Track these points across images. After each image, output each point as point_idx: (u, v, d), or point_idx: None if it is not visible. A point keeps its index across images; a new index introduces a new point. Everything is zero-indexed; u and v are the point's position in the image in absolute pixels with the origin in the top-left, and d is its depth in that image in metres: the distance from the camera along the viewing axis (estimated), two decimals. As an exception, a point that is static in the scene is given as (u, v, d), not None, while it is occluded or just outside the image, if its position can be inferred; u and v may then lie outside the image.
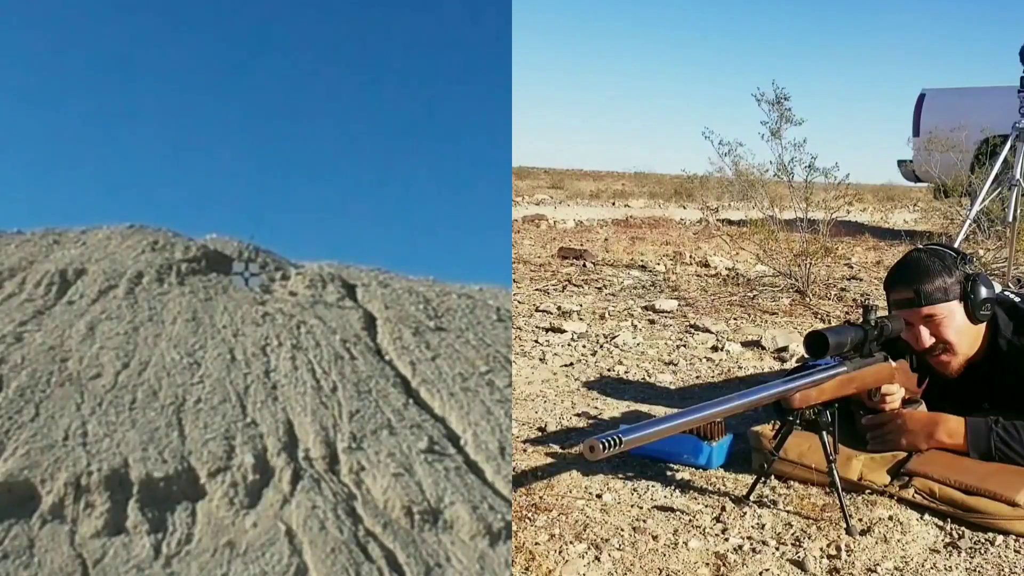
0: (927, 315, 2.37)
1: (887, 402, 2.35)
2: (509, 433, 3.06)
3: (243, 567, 2.55)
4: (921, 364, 2.46)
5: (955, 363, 2.43)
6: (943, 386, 2.47)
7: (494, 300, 5.33)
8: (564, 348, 4.13)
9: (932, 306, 2.35)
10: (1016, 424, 2.28)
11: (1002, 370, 2.42)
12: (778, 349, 4.07)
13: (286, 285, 5.21)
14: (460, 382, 3.97)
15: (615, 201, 16.45)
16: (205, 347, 4.00)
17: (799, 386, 2.11)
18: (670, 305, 5.07)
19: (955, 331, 2.38)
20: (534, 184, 20.34)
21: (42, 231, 5.58)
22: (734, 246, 6.17)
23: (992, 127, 8.11)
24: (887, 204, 14.18)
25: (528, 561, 1.93)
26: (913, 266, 2.40)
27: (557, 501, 2.25)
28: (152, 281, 4.83)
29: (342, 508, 2.87)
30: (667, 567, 1.92)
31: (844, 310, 5.04)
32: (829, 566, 1.94)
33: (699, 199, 9.45)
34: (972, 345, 2.43)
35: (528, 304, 5.20)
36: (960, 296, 2.36)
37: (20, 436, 2.97)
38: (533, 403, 3.22)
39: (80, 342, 3.88)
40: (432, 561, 2.69)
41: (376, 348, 4.35)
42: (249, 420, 3.33)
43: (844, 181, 5.54)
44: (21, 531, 2.56)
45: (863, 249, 7.89)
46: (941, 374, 2.46)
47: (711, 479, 2.41)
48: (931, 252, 2.43)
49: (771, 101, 5.35)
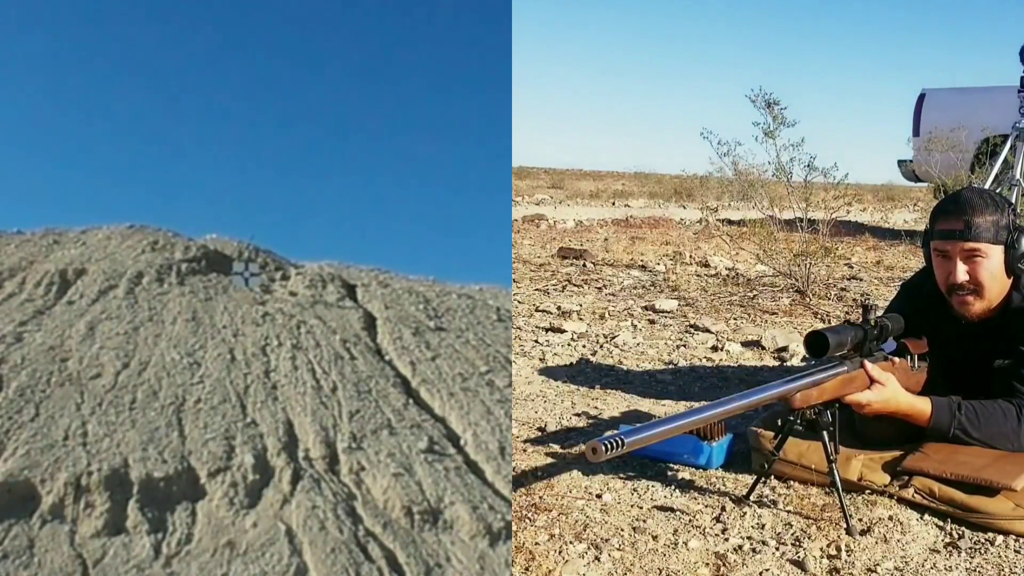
0: (970, 250, 2.34)
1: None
2: (509, 433, 3.06)
3: (243, 567, 2.55)
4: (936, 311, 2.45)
5: (978, 307, 2.41)
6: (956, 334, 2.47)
7: (494, 300, 5.33)
8: (564, 348, 4.13)
9: (978, 243, 2.33)
10: (978, 410, 2.29)
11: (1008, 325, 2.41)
12: (778, 349, 4.07)
13: (286, 285, 5.21)
14: (460, 382, 3.96)
15: (615, 201, 16.45)
16: (205, 347, 4.00)
17: (799, 386, 2.11)
18: (670, 305, 5.08)
19: (989, 275, 2.36)
20: (534, 184, 20.34)
21: (42, 231, 5.57)
22: (734, 246, 6.17)
23: (992, 127, 8.11)
24: (887, 204, 14.19)
25: (528, 561, 1.93)
26: (967, 199, 2.37)
27: (557, 501, 2.25)
28: (152, 281, 4.83)
29: (342, 508, 2.87)
30: (667, 567, 1.92)
31: (844, 310, 5.04)
32: (829, 566, 1.94)
33: (699, 199, 9.45)
34: (999, 294, 2.40)
35: (528, 304, 5.20)
36: (1005, 242, 2.34)
37: (20, 436, 2.97)
38: (533, 403, 3.22)
39: (80, 342, 3.88)
40: (432, 561, 2.69)
41: (376, 348, 4.35)
42: (249, 420, 3.33)
43: (843, 181, 5.55)
44: (21, 531, 2.56)
45: (863, 249, 7.89)
46: (959, 317, 2.45)
47: (711, 479, 2.41)
48: (986, 193, 2.40)
49: (762, 104, 5.37)
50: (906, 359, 2.41)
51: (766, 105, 5.36)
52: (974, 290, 2.38)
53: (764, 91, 5.36)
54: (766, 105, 5.36)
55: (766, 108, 5.37)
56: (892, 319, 2.35)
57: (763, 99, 5.36)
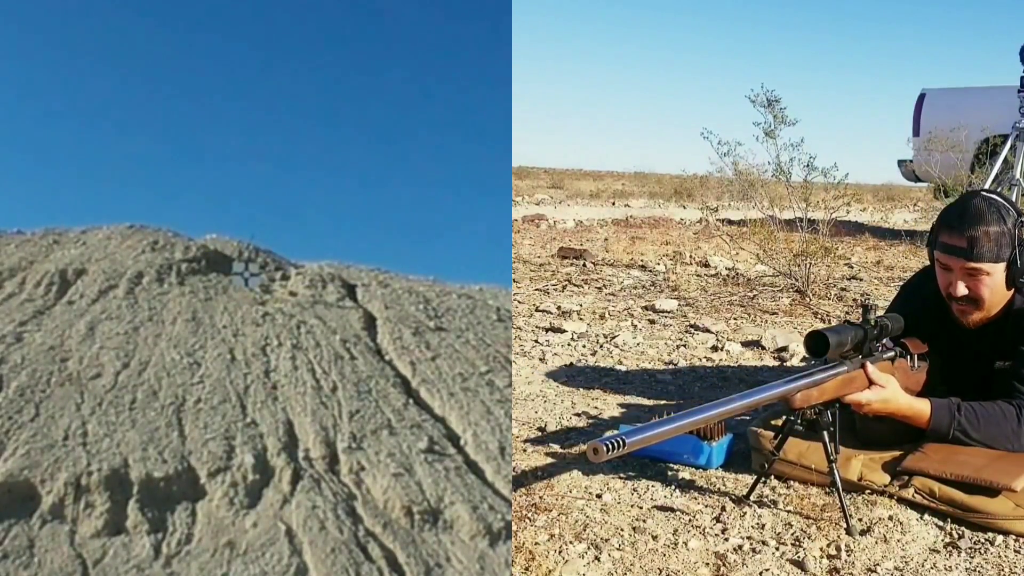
0: (971, 269, 2.35)
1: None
2: (509, 433, 3.06)
3: (243, 567, 2.55)
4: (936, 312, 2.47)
5: (976, 317, 2.42)
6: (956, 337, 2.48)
7: (494, 300, 5.33)
8: (564, 348, 4.13)
9: (980, 263, 2.33)
10: (978, 412, 2.29)
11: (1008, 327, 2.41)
12: (778, 349, 4.07)
13: (286, 285, 5.21)
14: (460, 382, 3.97)
15: (615, 201, 16.44)
16: (205, 347, 4.00)
17: (800, 386, 2.11)
18: (670, 305, 5.08)
19: (990, 291, 2.37)
20: (534, 184, 20.33)
21: (42, 231, 5.58)
22: (734, 246, 6.17)
23: (992, 127, 8.11)
24: (887, 204, 14.19)
25: (528, 561, 1.93)
26: (973, 215, 2.34)
27: (557, 501, 2.24)
28: (152, 281, 4.84)
29: (342, 508, 2.87)
30: (667, 567, 1.92)
31: (844, 310, 5.04)
32: (829, 566, 1.94)
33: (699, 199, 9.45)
34: (999, 304, 2.41)
35: (528, 304, 5.20)
36: (1008, 259, 2.33)
37: (20, 436, 2.97)
38: (533, 403, 3.22)
39: (80, 342, 3.88)
40: (432, 561, 2.69)
41: (376, 348, 4.35)
42: (249, 420, 3.33)
43: (843, 181, 5.55)
44: (21, 531, 2.56)
45: (863, 249, 7.89)
46: (956, 323, 2.46)
47: (711, 479, 2.41)
48: (993, 204, 2.36)
49: (763, 104, 5.37)
50: (906, 359, 2.41)
51: (766, 103, 5.36)
52: (973, 302, 2.40)
53: (765, 89, 5.36)
54: (766, 103, 5.36)
55: (766, 106, 5.37)
56: (892, 319, 2.35)
57: (763, 97, 5.36)
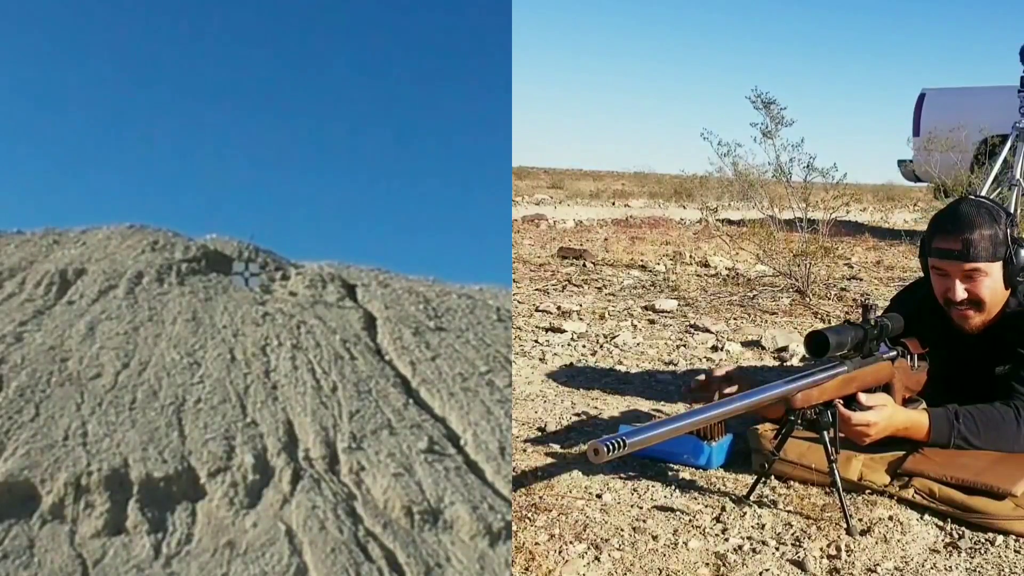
0: (969, 270, 2.34)
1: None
2: (509, 433, 3.06)
3: (243, 567, 2.55)
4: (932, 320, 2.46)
5: (976, 320, 2.42)
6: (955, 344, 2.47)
7: (494, 300, 5.33)
8: (564, 348, 4.13)
9: (976, 263, 2.33)
10: (977, 417, 2.29)
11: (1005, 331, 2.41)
12: (778, 349, 4.07)
13: (286, 285, 5.21)
14: (460, 382, 3.97)
15: (615, 201, 16.44)
16: (205, 347, 4.00)
17: (800, 386, 2.11)
18: (670, 305, 5.08)
19: (989, 291, 2.36)
20: (534, 184, 20.32)
21: (42, 231, 5.58)
22: (734, 246, 6.17)
23: (992, 127, 8.11)
24: (887, 204, 14.17)
25: (528, 561, 1.93)
26: (965, 218, 2.34)
27: (557, 501, 2.24)
28: (152, 281, 4.84)
29: (342, 508, 2.87)
30: (667, 567, 1.92)
31: (844, 310, 5.04)
32: (829, 566, 1.94)
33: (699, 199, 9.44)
34: (997, 305, 2.41)
35: (528, 304, 5.20)
36: (1003, 257, 2.33)
37: (20, 436, 2.97)
38: (533, 403, 3.22)
39: (80, 342, 3.88)
40: (432, 561, 2.69)
41: (376, 348, 4.35)
42: (249, 420, 3.33)
43: (842, 181, 5.55)
44: (21, 531, 2.56)
45: (863, 249, 7.89)
46: (958, 328, 2.45)
47: (711, 479, 2.41)
48: (983, 206, 2.37)
49: (760, 105, 5.37)
50: (906, 359, 2.41)
51: (764, 105, 5.37)
52: (974, 305, 2.39)
53: (761, 92, 5.37)
54: (764, 105, 5.37)
55: (764, 108, 5.37)
56: (892, 319, 2.35)
57: (761, 100, 5.36)
